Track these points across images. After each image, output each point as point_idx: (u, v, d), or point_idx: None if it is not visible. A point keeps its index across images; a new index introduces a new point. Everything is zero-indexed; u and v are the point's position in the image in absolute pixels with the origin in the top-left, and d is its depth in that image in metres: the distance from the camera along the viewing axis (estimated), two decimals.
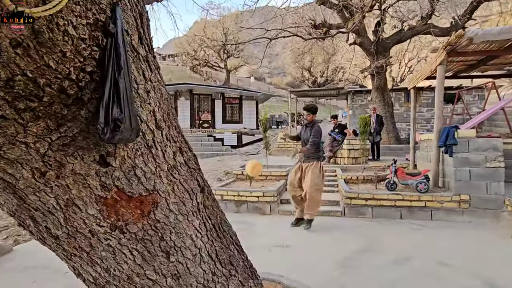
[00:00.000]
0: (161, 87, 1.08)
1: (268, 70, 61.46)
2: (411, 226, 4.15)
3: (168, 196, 1.07)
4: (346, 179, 5.84)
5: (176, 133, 1.17)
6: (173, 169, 1.09)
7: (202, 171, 5.07)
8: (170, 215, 1.07)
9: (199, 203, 1.20)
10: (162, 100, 1.07)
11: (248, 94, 15.58)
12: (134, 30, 0.95)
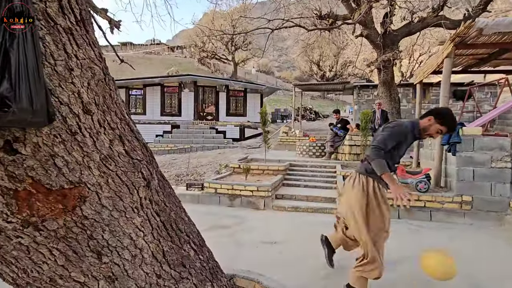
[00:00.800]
0: (93, 66, 0.94)
1: (277, 64, 60.80)
2: (409, 226, 3.97)
3: (100, 189, 0.95)
4: (345, 175, 5.65)
5: (117, 119, 1.04)
6: (107, 160, 0.97)
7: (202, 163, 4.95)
8: (102, 211, 0.96)
9: (142, 198, 1.07)
10: (94, 80, 0.94)
11: (253, 87, 15.35)
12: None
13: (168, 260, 1.15)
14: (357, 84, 10.73)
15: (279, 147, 10.13)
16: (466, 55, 5.10)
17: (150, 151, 1.24)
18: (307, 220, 4.25)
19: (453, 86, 10.42)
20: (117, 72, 28.42)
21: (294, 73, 48.63)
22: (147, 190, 1.11)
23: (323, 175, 6.12)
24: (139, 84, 14.35)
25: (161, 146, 10.41)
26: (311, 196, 5.04)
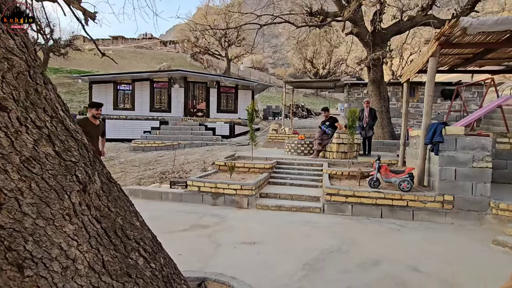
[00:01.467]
0: (11, 57, 0.84)
1: (271, 61, 60.57)
2: (390, 226, 3.95)
3: (21, 195, 0.85)
4: (331, 174, 5.63)
5: (46, 117, 0.94)
6: (30, 162, 0.87)
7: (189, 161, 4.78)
8: (24, 220, 0.86)
9: (76, 203, 0.98)
10: (12, 73, 0.84)
11: (244, 83, 15.21)
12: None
13: (109, 271, 1.06)
14: (347, 82, 10.70)
15: (269, 145, 10.06)
16: (451, 54, 5.09)
17: (92, 152, 1.14)
18: (290, 220, 4.20)
19: (442, 85, 10.51)
20: (108, 66, 27.68)
21: (288, 70, 48.55)
22: (83, 194, 1.01)
23: (310, 173, 6.08)
24: (127, 79, 14.06)
25: (148, 142, 10.22)
26: (295, 195, 4.98)
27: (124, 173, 7.36)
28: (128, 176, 7.13)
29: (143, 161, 8.55)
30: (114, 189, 1.20)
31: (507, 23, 3.70)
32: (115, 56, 42.85)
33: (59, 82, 24.95)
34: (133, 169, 7.77)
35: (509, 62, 5.44)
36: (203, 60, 39.29)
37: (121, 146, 10.53)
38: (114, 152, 9.84)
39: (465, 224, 3.99)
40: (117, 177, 7.09)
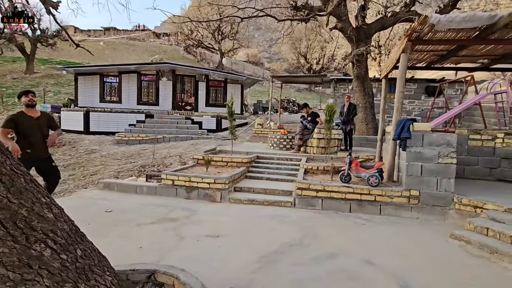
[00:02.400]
0: None
1: (267, 55, 60.22)
2: (356, 220, 4.01)
3: None
4: (307, 168, 5.67)
5: None
6: None
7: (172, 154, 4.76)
8: None
9: None
10: None
11: (234, 77, 15.14)
12: None
13: (4, 262, 1.06)
14: (333, 78, 10.70)
15: (254, 139, 10.07)
16: (426, 51, 5.12)
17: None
18: (260, 214, 4.23)
19: (426, 82, 10.59)
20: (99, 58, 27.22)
21: (284, 65, 48.42)
22: None
23: (288, 168, 6.11)
24: (114, 71, 13.89)
25: (132, 136, 10.15)
26: (269, 189, 5.02)
27: (103, 166, 7.32)
28: (107, 169, 7.09)
29: (125, 154, 8.50)
30: (19, 181, 1.20)
31: (475, 20, 3.73)
32: (107, 47, 42.15)
33: (47, 74, 24.51)
34: (114, 162, 7.72)
35: (484, 60, 5.49)
36: (196, 53, 38.90)
37: (105, 139, 10.45)
38: (97, 145, 9.76)
39: (429, 219, 4.07)
40: (96, 170, 7.06)
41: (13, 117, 3.62)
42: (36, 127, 3.68)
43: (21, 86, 21.65)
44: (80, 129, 11.48)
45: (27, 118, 3.64)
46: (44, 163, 3.84)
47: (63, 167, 7.47)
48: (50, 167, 3.91)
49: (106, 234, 3.38)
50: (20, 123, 3.59)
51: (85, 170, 7.02)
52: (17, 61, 27.26)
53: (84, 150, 9.10)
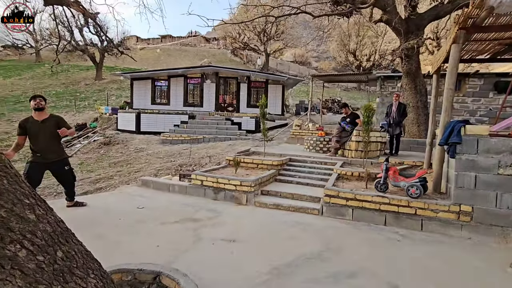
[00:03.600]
0: None
1: (315, 54, 58.70)
2: (391, 235, 3.55)
3: None
4: (341, 174, 5.27)
5: None
6: None
7: (210, 154, 4.98)
8: None
9: None
10: None
11: (275, 78, 15.01)
12: None
13: None
14: (380, 75, 9.81)
15: (291, 141, 9.80)
16: (489, 40, 4.31)
17: None
18: (283, 220, 4.04)
19: (495, 76, 9.03)
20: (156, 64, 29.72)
21: (332, 64, 46.55)
22: None
23: (321, 173, 5.77)
24: (164, 75, 14.91)
25: (175, 135, 10.74)
26: (296, 194, 4.78)
27: (147, 164, 7.85)
28: (150, 167, 7.59)
29: (168, 153, 9.01)
30: (0, 182, 1.26)
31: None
32: (162, 54, 45.59)
33: (112, 80, 27.48)
34: (157, 160, 8.24)
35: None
36: (243, 55, 39.75)
37: (153, 139, 11.24)
38: (145, 144, 10.56)
39: (485, 241, 3.40)
40: (140, 167, 7.60)
41: (21, 122, 3.76)
42: (41, 130, 3.73)
43: (91, 91, 24.70)
44: (133, 129, 12.59)
45: (34, 122, 3.72)
46: (55, 166, 3.93)
47: (113, 163, 8.24)
48: (61, 170, 3.98)
49: (130, 231, 3.56)
50: (28, 127, 3.71)
51: (131, 167, 7.62)
52: (90, 69, 31.17)
53: (133, 149, 9.93)
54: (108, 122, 14.41)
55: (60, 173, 4.01)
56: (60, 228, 1.49)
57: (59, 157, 3.95)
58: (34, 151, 3.76)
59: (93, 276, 1.55)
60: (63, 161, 4.03)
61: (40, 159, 3.79)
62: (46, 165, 3.87)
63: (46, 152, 3.81)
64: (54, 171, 4.00)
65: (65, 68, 32.33)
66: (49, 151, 3.83)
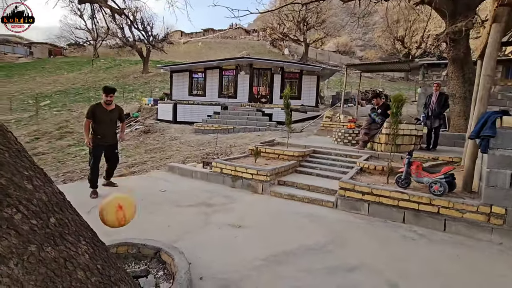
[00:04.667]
0: None
1: (361, 43, 55.47)
2: (407, 233, 3.31)
3: None
4: (364, 167, 5.01)
5: None
6: None
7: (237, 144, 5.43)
8: None
9: None
10: None
11: (309, 68, 14.58)
12: None
13: None
14: (423, 63, 8.90)
15: (321, 133, 9.52)
16: None
17: None
18: (295, 210, 4.00)
19: None
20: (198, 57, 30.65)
21: (379, 53, 43.59)
22: None
23: (343, 165, 5.55)
24: (200, 67, 15.44)
25: (207, 125, 11.13)
26: (313, 186, 4.68)
27: (178, 152, 8.32)
28: (180, 154, 8.03)
29: (198, 142, 9.41)
30: (1, 155, 1.47)
31: None
32: (204, 47, 46.90)
33: (157, 73, 29.23)
34: (187, 148, 8.67)
35: None
36: (282, 46, 39.19)
37: (187, 128, 11.81)
38: (179, 133, 11.15)
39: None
40: (171, 154, 8.08)
41: (92, 108, 4.34)
42: (108, 118, 4.36)
43: (138, 84, 26.61)
44: (170, 119, 13.36)
45: (103, 110, 4.32)
46: (109, 149, 4.53)
47: (149, 150, 8.89)
48: (112, 153, 4.60)
49: (149, 210, 3.85)
50: (97, 114, 4.31)
51: (163, 154, 8.14)
52: (138, 63, 33.52)
53: (168, 137, 10.56)
54: (150, 112, 15.46)
55: (111, 154, 4.60)
56: (56, 198, 1.69)
57: (113, 141, 4.55)
58: (97, 133, 4.35)
59: (84, 243, 1.74)
60: (116, 145, 4.65)
61: (100, 141, 4.37)
62: (104, 146, 4.45)
63: (107, 136, 4.41)
64: (107, 152, 4.55)
65: (117, 63, 35.30)
66: (109, 135, 4.44)
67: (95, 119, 4.31)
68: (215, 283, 2.27)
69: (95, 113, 4.31)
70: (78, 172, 6.63)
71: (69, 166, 7.65)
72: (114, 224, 2.03)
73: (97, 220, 1.99)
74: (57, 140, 12.03)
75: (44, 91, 24.93)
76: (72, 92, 23.94)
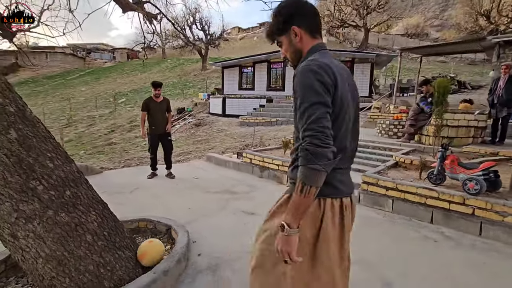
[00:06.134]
0: None
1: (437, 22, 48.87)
2: (431, 234, 2.99)
3: None
4: (399, 161, 4.61)
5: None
6: None
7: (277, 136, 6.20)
8: None
9: None
10: None
11: (362, 56, 13.56)
12: None
13: (10, 186, 1.78)
14: (498, 41, 7.39)
15: (369, 125, 8.89)
16: None
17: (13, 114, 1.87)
18: None
19: None
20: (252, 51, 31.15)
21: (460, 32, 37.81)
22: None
23: (379, 159, 5.18)
24: (249, 61, 15.82)
25: (252, 118, 11.43)
26: None
27: (220, 143, 8.83)
28: (222, 145, 8.52)
29: (241, 134, 9.80)
30: (30, 140, 1.91)
31: None
32: (259, 41, 47.54)
33: (215, 69, 30.87)
34: (230, 140, 9.13)
35: None
36: (339, 34, 37.08)
37: (234, 121, 12.34)
38: (226, 126, 11.74)
39: None
40: (214, 146, 8.63)
41: (145, 101, 5.01)
42: (158, 109, 4.98)
43: (197, 80, 28.59)
44: (219, 112, 14.12)
45: (154, 102, 4.97)
46: (162, 137, 5.12)
47: (195, 141, 9.64)
48: (166, 141, 5.17)
49: (178, 194, 4.31)
50: (150, 106, 4.99)
51: (207, 145, 8.75)
52: (198, 61, 35.93)
53: (216, 130, 11.24)
54: (204, 107, 16.57)
55: (165, 142, 5.17)
56: (73, 176, 2.11)
57: (165, 130, 5.14)
58: (152, 124, 5.05)
59: (94, 213, 2.12)
60: (168, 134, 5.24)
61: (155, 131, 5.02)
62: (158, 136, 5.08)
63: (159, 125, 5.04)
64: (161, 140, 5.16)
65: (181, 62, 38.42)
66: (161, 125, 5.07)
67: (149, 111, 4.98)
68: (209, 260, 2.49)
69: (148, 105, 4.98)
70: (135, 160, 7.65)
71: (131, 154, 8.86)
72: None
73: (135, 198, 2.37)
74: (127, 132, 13.92)
75: (122, 90, 28.82)
76: (143, 90, 27.08)
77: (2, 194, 1.76)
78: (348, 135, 1.17)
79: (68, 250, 1.96)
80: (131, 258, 2.29)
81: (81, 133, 14.84)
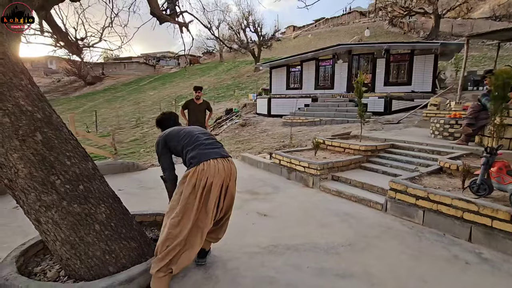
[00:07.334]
0: None
1: None
2: (462, 255, 2.53)
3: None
4: (445, 167, 4.01)
5: (9, 105, 2.14)
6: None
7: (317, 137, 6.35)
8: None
9: (18, 145, 2.13)
10: None
11: (423, 47, 12.04)
12: None
13: (35, 180, 2.16)
14: None
15: (423, 124, 7.88)
16: None
17: (40, 117, 2.24)
18: (333, 207, 3.74)
19: None
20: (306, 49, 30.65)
21: None
22: (23, 142, 2.14)
23: (423, 164, 4.57)
24: (297, 60, 15.57)
25: (295, 118, 11.22)
26: (367, 184, 4.14)
27: (260, 143, 8.93)
28: (261, 145, 8.61)
29: (282, 135, 9.73)
30: (52, 141, 2.26)
31: None
32: (314, 38, 46.43)
33: (266, 70, 31.30)
34: (269, 140, 9.16)
35: None
36: (403, 24, 33.62)
37: (278, 121, 12.32)
38: (270, 126, 11.80)
39: None
40: (253, 146, 8.77)
41: (186, 102, 5.95)
42: (197, 110, 5.81)
43: (250, 81, 29.34)
44: (265, 113, 14.23)
45: (194, 103, 5.81)
46: None
47: (237, 141, 9.92)
48: None
49: None
50: (189, 106, 5.86)
51: (247, 145, 8.94)
52: (252, 63, 36.84)
53: (259, 130, 11.39)
54: (253, 107, 16.92)
55: None
56: (87, 172, 2.42)
57: (202, 127, 5.86)
58: (190, 122, 5.87)
59: (103, 206, 2.41)
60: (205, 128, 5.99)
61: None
62: None
63: (196, 124, 5.64)
64: None
65: (236, 65, 39.94)
66: (198, 124, 5.70)
67: (188, 110, 5.85)
68: (208, 257, 2.58)
69: (188, 106, 5.89)
70: None
71: None
72: None
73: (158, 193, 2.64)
74: None
75: (183, 93, 31.37)
76: None
77: (29, 186, 2.12)
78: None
79: (79, 236, 2.26)
80: (136, 248, 2.52)
81: (145, 133, 16.67)
